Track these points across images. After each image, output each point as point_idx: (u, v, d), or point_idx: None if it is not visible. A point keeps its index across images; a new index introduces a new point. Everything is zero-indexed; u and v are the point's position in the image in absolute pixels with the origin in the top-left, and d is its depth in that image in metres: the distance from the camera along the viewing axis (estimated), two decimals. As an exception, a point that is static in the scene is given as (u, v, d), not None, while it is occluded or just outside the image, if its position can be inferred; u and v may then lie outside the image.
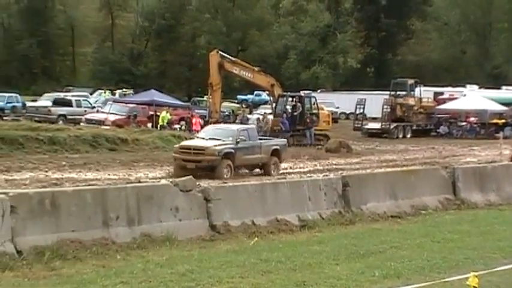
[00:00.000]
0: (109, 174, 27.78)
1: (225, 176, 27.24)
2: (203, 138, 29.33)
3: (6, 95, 52.74)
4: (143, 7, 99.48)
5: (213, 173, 27.21)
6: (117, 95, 66.08)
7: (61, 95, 58.28)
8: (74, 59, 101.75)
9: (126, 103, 51.45)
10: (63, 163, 29.90)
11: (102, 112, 48.23)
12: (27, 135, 33.47)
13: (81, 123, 44.16)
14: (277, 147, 30.95)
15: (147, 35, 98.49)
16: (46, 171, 27.62)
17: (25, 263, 12.07)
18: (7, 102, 50.40)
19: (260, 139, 31.24)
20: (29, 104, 52.77)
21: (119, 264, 12.51)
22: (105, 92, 69.61)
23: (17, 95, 53.52)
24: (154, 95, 49.30)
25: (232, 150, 28.27)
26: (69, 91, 66.89)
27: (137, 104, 49.80)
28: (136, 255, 13.20)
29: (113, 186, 16.75)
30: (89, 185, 21.94)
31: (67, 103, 50.72)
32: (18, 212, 12.52)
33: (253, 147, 29.51)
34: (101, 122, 44.61)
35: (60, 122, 44.26)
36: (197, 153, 27.83)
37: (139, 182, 23.56)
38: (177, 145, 29.75)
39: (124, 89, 73.23)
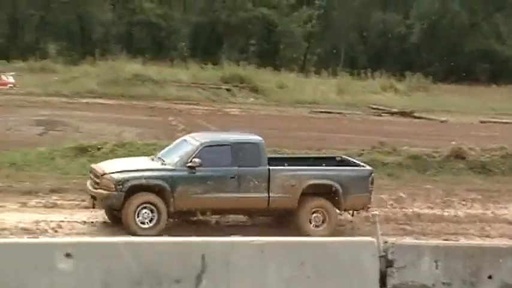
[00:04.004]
0: None
1: (139, 226, 15.71)
2: (152, 160, 17.19)
3: None
4: None
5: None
6: None
7: None
8: None
9: None
10: None
11: None
12: None
13: None
14: (327, 182, 16.82)
15: None
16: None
17: None
18: None
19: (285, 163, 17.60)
20: None
21: None
22: None
23: None
24: None
25: (159, 182, 15.93)
26: None
27: None
28: None
29: None
30: None
31: None
32: None
33: (241, 178, 16.35)
34: None
35: None
36: (96, 182, 16.37)
37: None
38: None
39: None
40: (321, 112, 44.04)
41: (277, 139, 26.36)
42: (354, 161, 18.41)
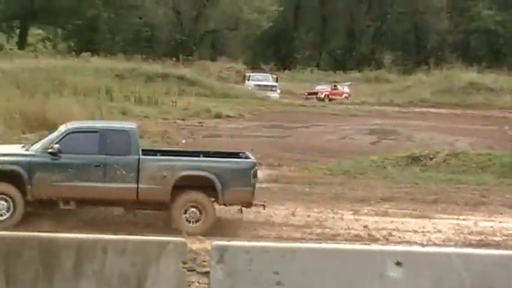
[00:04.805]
0: None
1: None
2: (22, 147, 16.27)
3: None
4: None
5: None
6: None
7: None
8: None
9: None
10: None
11: None
12: None
13: None
14: (202, 174, 15.17)
15: None
16: None
17: None
18: None
19: (155, 152, 16.02)
20: None
21: None
22: None
23: None
24: None
25: (15, 168, 14.98)
26: None
27: None
28: None
29: None
30: None
31: None
32: None
33: (107, 167, 15.05)
34: None
35: None
36: None
37: None
38: None
39: None
40: None
41: None
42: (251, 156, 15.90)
